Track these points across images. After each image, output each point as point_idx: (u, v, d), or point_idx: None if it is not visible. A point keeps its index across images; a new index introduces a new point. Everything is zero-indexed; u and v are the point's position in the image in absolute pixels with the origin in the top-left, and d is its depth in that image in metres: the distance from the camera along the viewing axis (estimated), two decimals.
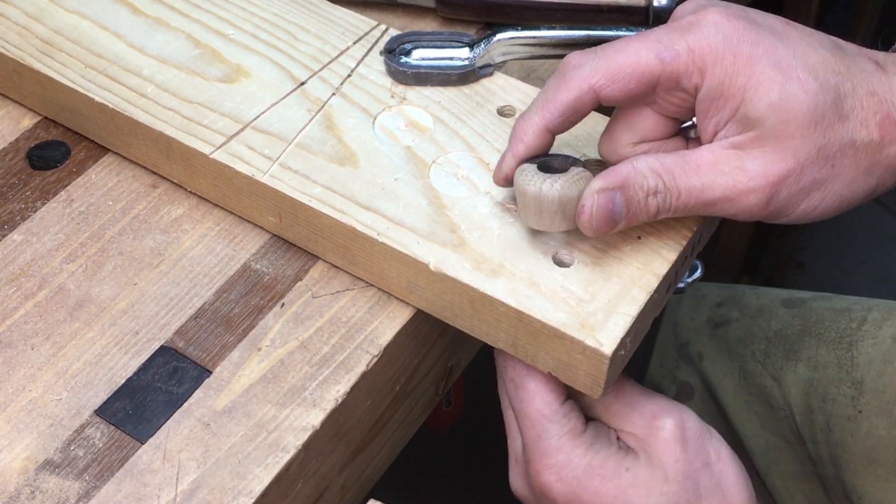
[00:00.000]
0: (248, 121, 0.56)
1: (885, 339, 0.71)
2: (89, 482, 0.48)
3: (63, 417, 0.50)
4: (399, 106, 0.57)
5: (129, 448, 0.49)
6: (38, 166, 0.59)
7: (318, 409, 0.50)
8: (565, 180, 0.49)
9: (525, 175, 0.49)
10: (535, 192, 0.49)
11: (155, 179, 0.59)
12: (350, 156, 0.55)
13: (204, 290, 0.54)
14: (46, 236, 0.56)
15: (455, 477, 1.22)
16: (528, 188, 0.49)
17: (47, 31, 0.60)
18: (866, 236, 1.62)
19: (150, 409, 0.50)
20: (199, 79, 0.58)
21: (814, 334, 0.74)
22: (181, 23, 0.61)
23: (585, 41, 0.55)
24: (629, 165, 0.48)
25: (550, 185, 0.48)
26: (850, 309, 0.75)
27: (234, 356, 0.52)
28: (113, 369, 0.51)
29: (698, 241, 0.54)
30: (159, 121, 0.56)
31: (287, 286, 0.54)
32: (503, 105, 0.57)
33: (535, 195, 0.49)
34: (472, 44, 0.58)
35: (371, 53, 0.60)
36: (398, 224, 0.52)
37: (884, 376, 0.50)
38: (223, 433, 0.49)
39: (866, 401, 0.47)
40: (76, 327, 0.53)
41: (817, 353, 0.73)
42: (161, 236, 0.56)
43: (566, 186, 0.48)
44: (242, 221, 0.57)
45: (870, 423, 0.68)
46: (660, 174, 0.47)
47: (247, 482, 0.47)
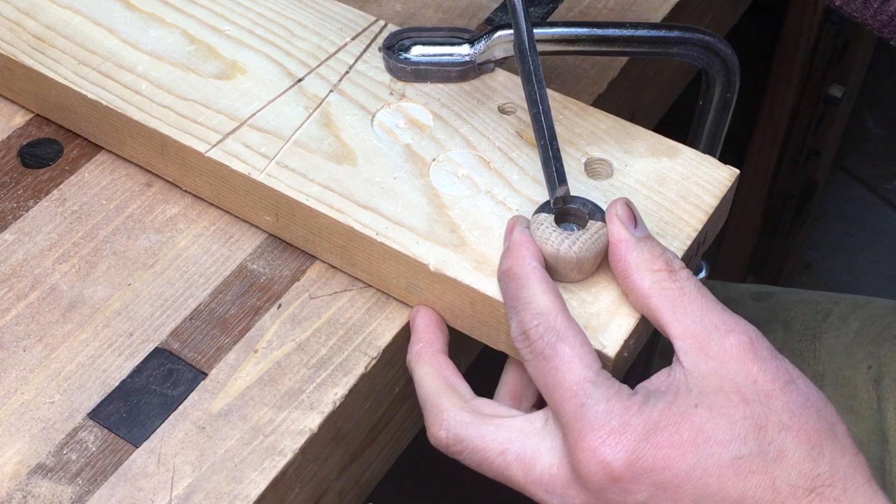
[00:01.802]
0: (244, 118, 0.56)
1: (849, 332, 0.72)
2: (82, 487, 0.48)
3: (55, 421, 0.50)
4: (398, 103, 0.58)
5: (122, 452, 0.49)
6: (31, 164, 0.59)
7: (315, 412, 0.50)
8: (584, 240, 0.48)
9: (542, 231, 0.49)
10: (552, 252, 0.48)
11: (149, 178, 0.59)
12: (348, 154, 0.55)
13: (199, 291, 0.54)
14: (39, 236, 0.56)
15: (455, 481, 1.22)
16: (545, 247, 0.48)
17: (39, 26, 0.60)
18: (876, 236, 1.62)
19: (144, 412, 0.50)
20: (194, 75, 0.58)
21: (780, 321, 0.74)
22: (176, 18, 0.61)
23: (588, 38, 0.55)
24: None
25: (569, 246, 0.48)
26: (817, 301, 0.75)
27: (230, 358, 0.52)
28: (106, 371, 0.51)
29: (703, 241, 0.54)
30: (153, 118, 0.56)
31: (284, 287, 0.54)
32: (504, 102, 0.58)
33: (553, 255, 0.48)
34: (473, 40, 0.58)
35: (369, 49, 0.60)
36: (397, 223, 0.52)
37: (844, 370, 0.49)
38: (219, 437, 0.49)
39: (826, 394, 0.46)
40: (69, 329, 0.53)
41: (783, 339, 0.73)
42: (155, 236, 0.56)
43: (584, 248, 0.48)
44: (238, 221, 0.57)
45: None
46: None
47: (243, 486, 0.47)
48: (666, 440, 0.43)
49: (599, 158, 0.55)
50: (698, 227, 0.52)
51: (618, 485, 0.44)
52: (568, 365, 0.45)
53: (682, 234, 0.52)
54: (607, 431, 0.43)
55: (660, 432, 0.43)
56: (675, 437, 0.43)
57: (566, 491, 0.45)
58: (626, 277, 0.48)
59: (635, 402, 0.44)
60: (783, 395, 0.45)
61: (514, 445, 0.46)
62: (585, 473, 0.44)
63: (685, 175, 0.54)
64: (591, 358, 0.45)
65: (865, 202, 1.66)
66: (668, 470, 0.43)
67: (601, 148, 0.55)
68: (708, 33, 0.55)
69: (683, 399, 0.44)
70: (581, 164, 0.55)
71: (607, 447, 0.43)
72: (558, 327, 0.46)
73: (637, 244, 0.48)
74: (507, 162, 0.55)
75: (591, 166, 0.55)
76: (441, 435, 0.48)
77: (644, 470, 0.43)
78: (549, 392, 0.45)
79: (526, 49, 0.51)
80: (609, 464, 0.43)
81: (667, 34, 0.55)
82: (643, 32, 0.55)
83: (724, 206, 0.55)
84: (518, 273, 0.48)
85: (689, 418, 0.44)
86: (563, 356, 0.45)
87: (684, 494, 0.43)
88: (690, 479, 0.43)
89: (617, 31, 0.55)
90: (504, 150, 0.55)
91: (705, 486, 0.43)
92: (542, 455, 0.46)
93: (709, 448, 0.43)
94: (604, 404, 0.44)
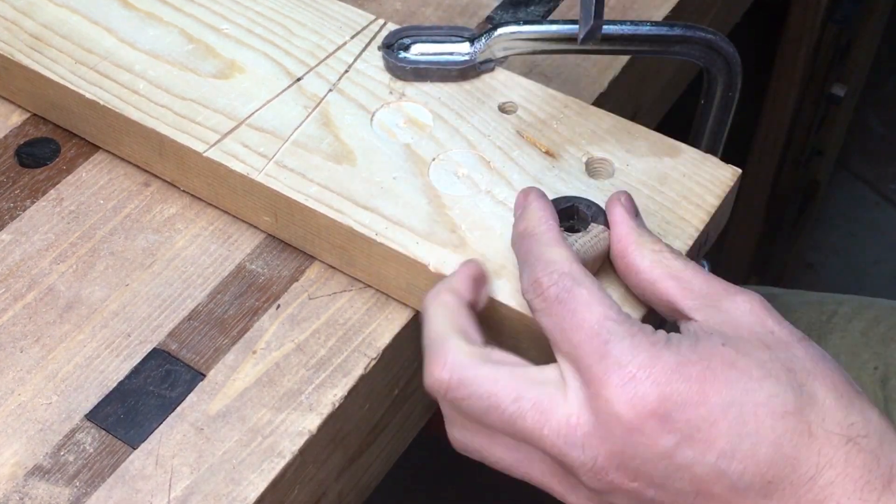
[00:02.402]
0: (242, 118, 0.56)
1: (854, 332, 0.72)
2: (80, 488, 0.48)
3: (53, 422, 0.50)
4: (398, 102, 0.58)
5: (120, 453, 0.49)
6: (28, 164, 0.59)
7: (314, 413, 0.50)
8: (583, 242, 0.48)
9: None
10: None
11: (147, 178, 0.59)
12: (347, 154, 0.55)
13: (197, 292, 0.54)
14: (36, 236, 0.56)
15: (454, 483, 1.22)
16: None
17: (36, 25, 0.60)
18: (879, 236, 1.62)
19: (142, 413, 0.50)
20: (192, 75, 0.58)
21: None
22: (174, 17, 0.61)
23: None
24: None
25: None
26: (822, 302, 0.75)
27: (229, 359, 0.52)
28: (104, 372, 0.51)
29: (705, 241, 0.54)
30: (151, 118, 0.56)
31: (283, 287, 0.54)
32: (505, 101, 0.58)
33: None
34: (473, 38, 0.58)
35: (369, 48, 0.60)
36: (397, 224, 0.52)
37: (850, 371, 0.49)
38: (217, 438, 0.49)
39: None
40: (66, 329, 0.53)
41: None
42: (153, 236, 0.56)
43: (584, 250, 0.48)
44: (237, 221, 0.57)
45: None
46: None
47: (241, 488, 0.47)
48: (699, 373, 0.41)
49: (601, 158, 0.55)
50: (700, 226, 0.52)
51: (648, 424, 0.41)
52: (587, 305, 0.43)
53: (683, 233, 0.52)
54: (636, 365, 0.41)
55: (693, 365, 0.41)
56: (708, 371, 0.41)
57: (588, 440, 0.42)
58: (625, 256, 0.47)
59: (660, 337, 0.42)
60: (801, 347, 0.43)
61: (530, 393, 0.43)
62: (615, 416, 0.41)
63: (687, 174, 0.54)
64: (609, 300, 0.43)
65: (868, 202, 1.66)
66: (704, 405, 0.40)
67: (602, 147, 0.55)
68: (710, 32, 0.55)
69: (707, 339, 0.42)
70: (582, 163, 0.55)
71: (637, 382, 0.41)
72: (573, 272, 0.44)
73: (638, 228, 0.48)
74: (507, 161, 0.55)
75: (592, 166, 0.55)
76: (443, 376, 0.44)
77: (677, 405, 0.40)
78: (567, 336, 0.43)
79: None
80: (640, 399, 0.40)
81: (668, 33, 0.55)
82: (644, 31, 0.55)
83: (726, 206, 0.55)
84: (534, 231, 0.47)
85: (720, 353, 0.42)
86: (580, 298, 0.43)
87: (719, 434, 0.40)
88: (727, 415, 0.40)
89: (618, 30, 0.55)
90: (505, 149, 0.55)
91: (742, 424, 0.40)
92: (560, 404, 0.43)
93: (744, 383, 0.41)
94: (629, 339, 0.41)
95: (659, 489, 0.42)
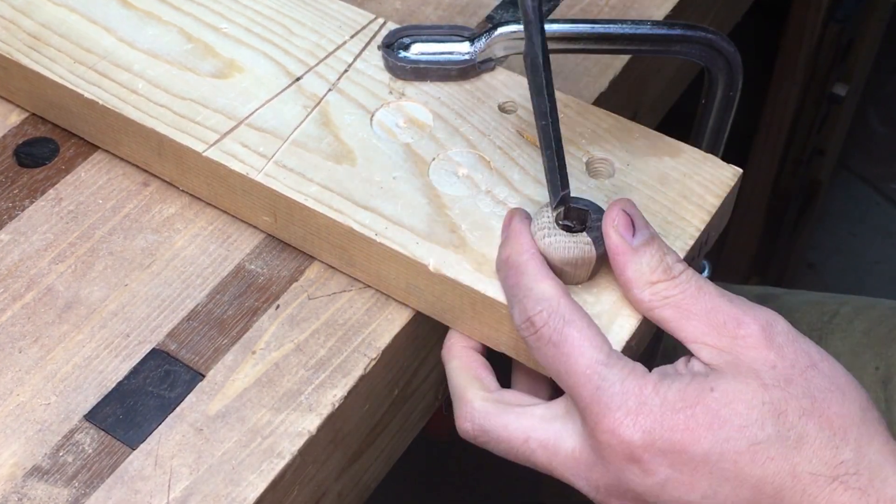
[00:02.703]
0: (241, 117, 0.56)
1: (856, 333, 0.72)
2: (78, 489, 0.48)
3: (51, 422, 0.50)
4: (397, 102, 0.58)
5: (119, 454, 0.49)
6: (26, 164, 0.59)
7: (314, 413, 0.50)
8: (585, 242, 0.49)
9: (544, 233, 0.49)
10: (553, 254, 0.49)
11: (146, 177, 0.59)
12: (347, 153, 0.55)
13: (197, 292, 0.54)
14: (34, 236, 0.56)
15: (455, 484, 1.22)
16: (546, 249, 0.49)
17: (35, 24, 0.60)
18: (880, 237, 1.62)
19: (141, 413, 0.50)
20: (191, 74, 0.58)
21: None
22: (173, 16, 0.61)
23: (589, 35, 0.55)
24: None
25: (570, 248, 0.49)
26: (823, 302, 0.75)
27: (228, 359, 0.52)
28: (103, 373, 0.51)
29: (705, 241, 0.54)
30: (150, 117, 0.56)
31: (282, 287, 0.54)
32: (505, 101, 0.58)
33: (554, 257, 0.49)
34: (473, 38, 0.58)
35: (369, 48, 0.60)
36: (397, 224, 0.52)
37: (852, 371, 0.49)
38: (216, 439, 0.49)
39: None
40: (65, 329, 0.53)
41: None
42: (152, 236, 0.56)
43: (585, 250, 0.48)
44: (236, 221, 0.57)
45: None
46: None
47: (241, 489, 0.47)
48: (681, 423, 0.43)
49: (601, 158, 0.55)
50: (701, 226, 0.52)
51: (637, 465, 0.44)
52: (578, 350, 0.45)
53: (684, 234, 0.52)
54: (624, 412, 0.44)
55: (676, 414, 0.44)
56: (691, 420, 0.43)
57: (590, 473, 0.46)
58: (627, 291, 0.48)
59: (650, 380, 0.45)
60: (803, 380, 0.44)
61: (537, 433, 0.47)
62: (606, 454, 0.45)
63: (687, 174, 0.54)
64: (599, 339, 0.46)
65: (870, 202, 1.66)
66: (684, 453, 0.43)
67: (603, 147, 0.55)
68: (710, 31, 0.55)
69: (699, 382, 0.44)
70: (582, 163, 0.55)
71: (625, 427, 0.44)
72: (563, 311, 0.46)
73: (634, 255, 0.47)
74: (507, 161, 0.55)
75: (592, 166, 0.55)
76: (467, 427, 0.49)
77: (661, 451, 0.44)
78: (563, 378, 0.46)
79: (539, 64, 0.50)
80: (628, 444, 0.44)
81: (669, 32, 0.55)
82: (645, 30, 0.55)
83: (727, 206, 0.55)
84: (516, 260, 0.48)
85: (705, 401, 0.44)
86: (571, 341, 0.45)
87: (701, 478, 0.43)
88: (706, 462, 0.43)
89: (619, 29, 0.55)
90: (505, 149, 0.55)
91: (721, 470, 0.43)
92: (565, 440, 0.47)
93: (724, 432, 0.43)
94: (619, 385, 0.44)
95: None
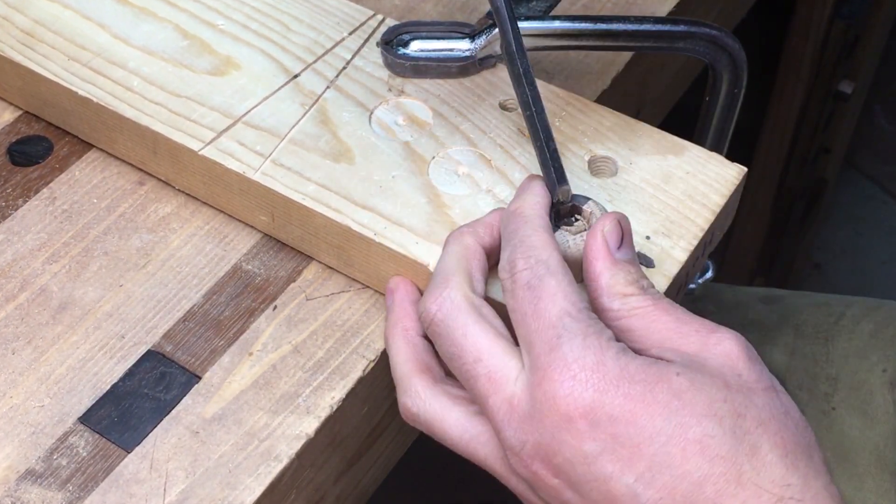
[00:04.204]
0: (238, 115, 0.57)
1: (863, 334, 0.72)
2: (73, 493, 0.48)
3: (45, 425, 0.50)
4: (397, 99, 0.58)
5: (114, 457, 0.49)
6: (20, 162, 0.59)
7: (312, 416, 0.50)
8: (577, 242, 0.49)
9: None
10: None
11: (141, 176, 0.59)
12: (345, 152, 0.55)
13: (193, 292, 0.54)
14: (28, 235, 0.56)
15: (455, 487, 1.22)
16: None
17: (28, 21, 0.61)
18: (887, 236, 1.62)
19: (136, 416, 0.50)
20: (187, 71, 0.58)
21: (791, 325, 0.74)
22: (168, 12, 0.61)
23: (592, 32, 0.55)
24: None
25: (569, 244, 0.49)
26: (829, 304, 0.76)
27: (225, 361, 0.52)
28: (97, 375, 0.51)
29: (710, 241, 0.54)
30: (146, 115, 0.56)
31: (280, 288, 0.55)
32: (506, 98, 0.58)
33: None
34: (473, 34, 0.58)
35: (367, 44, 0.60)
36: (396, 223, 0.52)
37: (859, 373, 0.49)
38: (213, 442, 0.49)
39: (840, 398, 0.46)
40: (59, 331, 0.53)
41: (794, 342, 0.73)
42: (148, 236, 0.56)
43: (574, 250, 0.49)
44: (233, 220, 0.57)
45: (843, 422, 0.69)
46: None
47: (237, 493, 0.48)
48: (637, 393, 0.41)
49: (603, 156, 0.55)
50: (705, 226, 0.53)
51: (574, 425, 0.42)
52: (551, 296, 0.44)
53: (688, 233, 0.52)
54: (579, 366, 0.42)
55: (634, 384, 0.42)
56: (648, 393, 0.41)
57: (521, 425, 0.43)
58: (596, 298, 0.46)
59: (613, 346, 0.43)
60: (765, 397, 0.43)
61: (491, 360, 0.45)
62: (547, 408, 0.42)
63: (691, 173, 0.55)
64: (576, 296, 0.44)
65: (876, 201, 1.66)
66: (633, 425, 0.41)
67: (605, 145, 0.55)
68: (714, 27, 0.55)
69: (664, 365, 0.43)
70: (584, 161, 0.55)
71: (576, 382, 0.42)
72: (550, 262, 0.45)
73: (613, 266, 0.46)
74: (508, 160, 0.55)
75: (594, 164, 0.55)
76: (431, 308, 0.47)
77: (607, 417, 0.41)
78: (527, 322, 0.44)
79: (514, 51, 0.50)
80: (574, 400, 0.42)
81: (672, 28, 0.55)
82: (648, 27, 0.55)
83: (732, 205, 0.55)
84: (523, 211, 0.48)
85: (668, 380, 0.42)
86: (548, 288, 0.44)
87: (641, 457, 0.41)
88: (652, 442, 0.41)
89: (621, 26, 0.55)
90: (505, 147, 0.55)
91: (666, 454, 0.41)
92: (510, 382, 0.44)
93: (681, 417, 0.41)
94: (580, 339, 0.43)
95: (576, 493, 0.43)
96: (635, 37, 0.55)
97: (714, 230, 0.54)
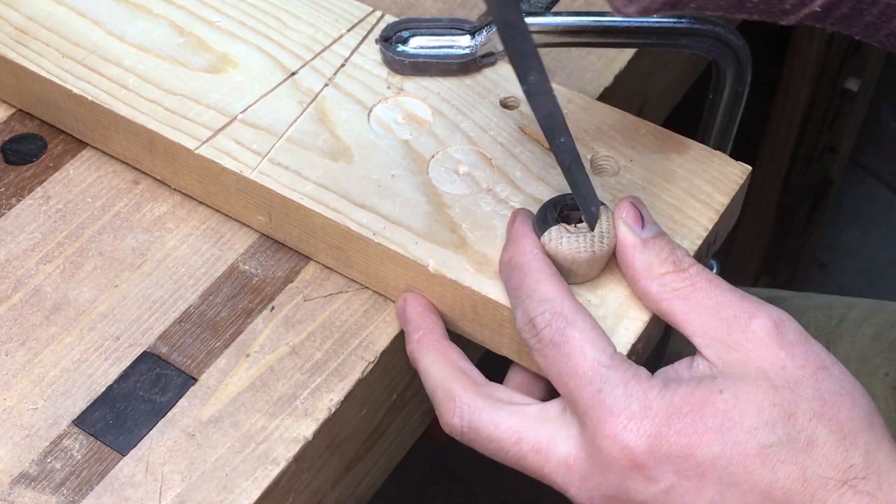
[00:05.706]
0: (235, 113, 0.57)
1: (864, 337, 0.72)
2: (67, 497, 0.48)
3: (39, 428, 0.50)
4: (396, 97, 0.58)
5: (109, 460, 0.49)
6: (13, 161, 0.60)
7: (309, 418, 0.50)
8: (589, 240, 0.49)
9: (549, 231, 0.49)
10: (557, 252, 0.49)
11: (136, 175, 0.59)
12: (344, 151, 0.55)
13: (189, 293, 0.54)
14: (21, 235, 0.56)
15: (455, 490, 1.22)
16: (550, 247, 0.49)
17: (21, 17, 0.61)
18: (893, 236, 1.62)
19: (131, 418, 0.50)
20: (183, 69, 0.58)
21: None
22: (164, 9, 0.61)
23: (593, 28, 0.55)
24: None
25: (575, 246, 0.49)
26: (831, 306, 0.76)
27: (221, 363, 0.52)
28: (92, 377, 0.51)
29: (713, 240, 0.54)
30: (141, 113, 0.56)
31: (277, 288, 0.55)
32: (506, 96, 0.58)
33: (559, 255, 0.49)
34: (474, 31, 0.58)
35: (366, 41, 0.60)
36: (395, 223, 0.52)
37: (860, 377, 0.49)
38: (209, 444, 0.49)
39: None
40: (53, 332, 0.53)
41: None
42: (143, 235, 0.56)
43: (590, 248, 0.49)
44: (230, 220, 0.57)
45: None
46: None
47: (234, 497, 0.48)
48: (689, 426, 0.43)
49: (606, 155, 0.55)
50: (709, 226, 0.53)
51: (640, 472, 0.43)
52: (580, 350, 0.45)
53: (691, 233, 0.52)
54: (627, 416, 0.43)
55: (683, 417, 0.43)
56: (699, 422, 0.43)
57: (584, 482, 0.45)
58: (635, 283, 0.48)
59: (654, 385, 0.44)
60: (814, 382, 0.44)
61: (530, 434, 0.46)
62: (607, 461, 0.44)
63: (695, 172, 0.55)
64: (603, 341, 0.45)
65: (883, 200, 1.66)
66: (692, 458, 0.43)
67: (607, 144, 0.55)
68: (718, 24, 0.55)
69: (707, 385, 0.44)
70: (587, 161, 0.55)
71: (629, 432, 0.43)
72: (565, 312, 0.46)
73: (644, 247, 0.48)
74: (509, 158, 0.55)
75: (597, 163, 0.55)
76: (455, 423, 0.48)
77: (666, 456, 0.43)
78: (564, 381, 0.45)
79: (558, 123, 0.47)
80: (631, 449, 0.43)
81: (676, 25, 0.55)
82: (651, 23, 0.55)
83: (736, 205, 0.55)
84: (519, 262, 0.48)
85: (714, 403, 0.43)
86: (573, 342, 0.45)
87: (708, 483, 0.43)
88: (715, 467, 0.43)
89: (624, 22, 0.55)
90: (506, 145, 0.55)
91: (731, 475, 0.43)
92: (559, 444, 0.46)
93: (734, 435, 0.43)
94: (622, 388, 0.44)
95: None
96: (638, 33, 0.55)
97: (718, 230, 0.54)
